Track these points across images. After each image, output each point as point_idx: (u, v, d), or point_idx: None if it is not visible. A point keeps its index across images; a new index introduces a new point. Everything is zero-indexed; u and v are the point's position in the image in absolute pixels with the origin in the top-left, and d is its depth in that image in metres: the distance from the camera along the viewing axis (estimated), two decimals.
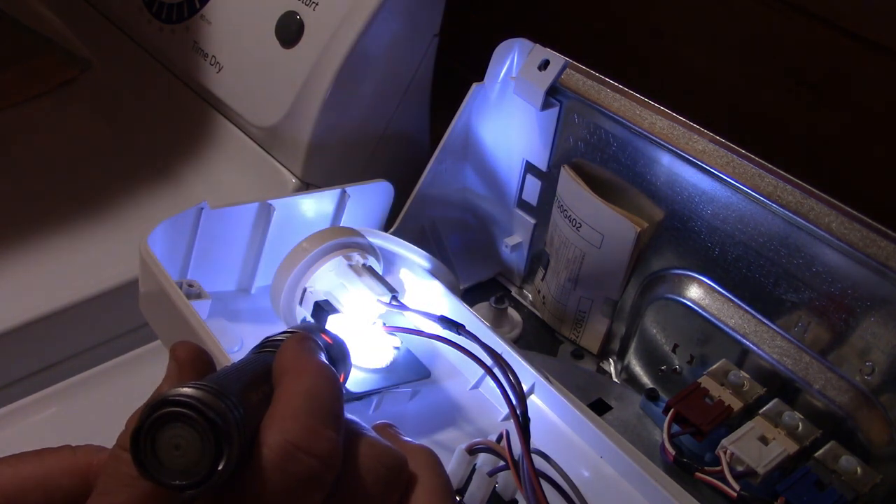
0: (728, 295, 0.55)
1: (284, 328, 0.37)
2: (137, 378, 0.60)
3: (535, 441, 0.44)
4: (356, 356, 0.50)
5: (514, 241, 0.70)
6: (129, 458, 0.26)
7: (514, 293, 0.72)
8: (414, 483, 0.32)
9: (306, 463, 0.27)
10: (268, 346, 0.34)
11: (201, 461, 0.25)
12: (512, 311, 0.68)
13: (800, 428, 0.51)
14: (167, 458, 0.25)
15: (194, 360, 0.31)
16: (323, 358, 0.32)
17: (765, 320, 0.54)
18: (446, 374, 0.55)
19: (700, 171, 0.54)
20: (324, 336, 0.38)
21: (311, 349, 0.32)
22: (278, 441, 0.27)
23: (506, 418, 0.52)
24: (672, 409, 0.53)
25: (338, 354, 0.38)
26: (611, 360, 0.66)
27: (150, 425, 0.25)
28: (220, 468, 0.25)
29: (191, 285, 0.54)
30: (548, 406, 0.51)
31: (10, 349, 0.62)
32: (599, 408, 0.59)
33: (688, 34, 0.72)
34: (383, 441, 0.32)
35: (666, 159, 0.56)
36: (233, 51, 0.76)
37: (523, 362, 0.52)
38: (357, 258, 0.53)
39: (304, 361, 0.31)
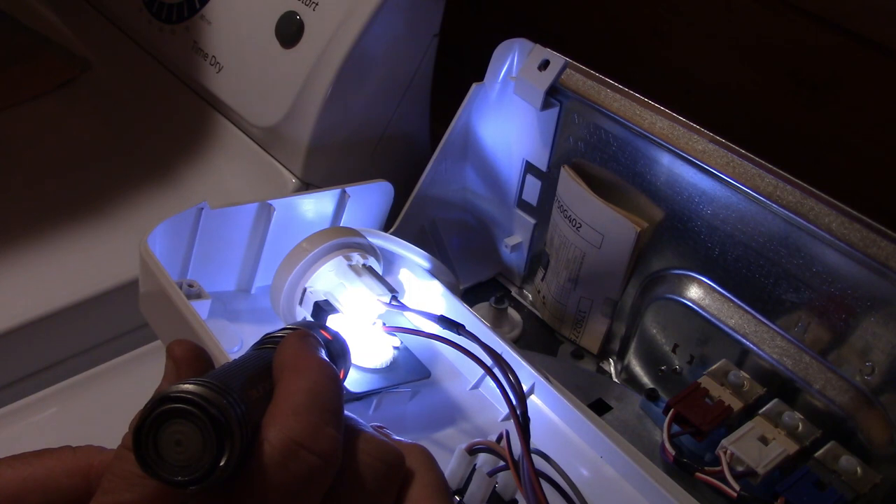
0: (728, 295, 0.55)
1: (283, 327, 0.37)
2: (137, 378, 0.60)
3: (535, 441, 0.44)
4: (356, 356, 0.50)
5: (514, 241, 0.70)
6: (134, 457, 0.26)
7: (514, 293, 0.72)
8: (411, 479, 0.32)
9: (308, 460, 0.27)
10: (268, 343, 0.34)
11: (203, 457, 0.26)
12: (512, 311, 0.68)
13: (800, 428, 0.51)
14: (169, 454, 0.26)
15: (191, 358, 0.31)
16: (323, 355, 0.32)
17: (765, 320, 0.54)
18: (446, 374, 0.55)
19: (700, 171, 0.54)
20: (323, 332, 0.38)
21: (312, 346, 0.32)
22: (280, 438, 0.27)
23: (506, 418, 0.52)
24: (672, 409, 0.53)
25: (338, 350, 0.38)
26: (611, 360, 0.66)
27: (152, 422, 0.26)
28: (221, 464, 0.26)
29: (191, 285, 0.54)
30: (548, 406, 0.51)
31: (10, 349, 0.62)
32: (599, 408, 0.59)
33: (688, 34, 0.72)
34: (381, 437, 0.32)
35: (666, 159, 0.56)
36: (233, 51, 0.76)
37: (523, 362, 0.52)
38: (357, 258, 0.53)
39: (304, 358, 0.31)
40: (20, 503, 0.30)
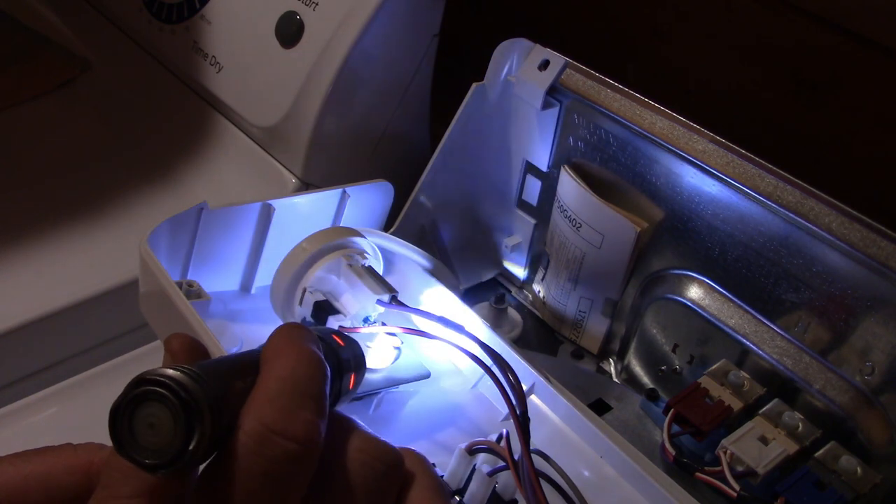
0: (728, 295, 0.55)
1: None
2: None
3: (535, 441, 0.44)
4: None
5: (514, 241, 0.70)
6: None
7: (514, 293, 0.72)
8: (411, 481, 0.32)
9: (282, 446, 0.27)
10: None
11: (174, 441, 0.26)
12: (512, 311, 0.68)
13: (800, 428, 0.51)
14: (143, 437, 0.26)
15: (187, 350, 0.31)
16: (311, 345, 0.32)
17: (765, 320, 0.54)
18: (446, 374, 0.55)
19: (700, 171, 0.54)
20: (335, 337, 0.38)
21: (298, 336, 0.32)
22: (254, 425, 0.27)
23: (506, 418, 0.52)
24: (672, 409, 0.53)
25: (350, 356, 0.38)
26: (611, 360, 0.66)
27: (127, 404, 0.26)
28: (190, 448, 0.26)
29: (191, 285, 0.54)
30: (548, 406, 0.51)
31: (10, 349, 0.62)
32: (599, 408, 0.59)
33: (688, 34, 0.72)
34: (380, 438, 0.32)
35: (666, 159, 0.56)
36: (233, 51, 0.76)
37: (523, 362, 0.52)
38: (357, 258, 0.53)
39: (285, 347, 0.31)
40: (22, 500, 0.30)
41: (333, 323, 0.50)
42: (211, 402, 0.26)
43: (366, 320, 0.51)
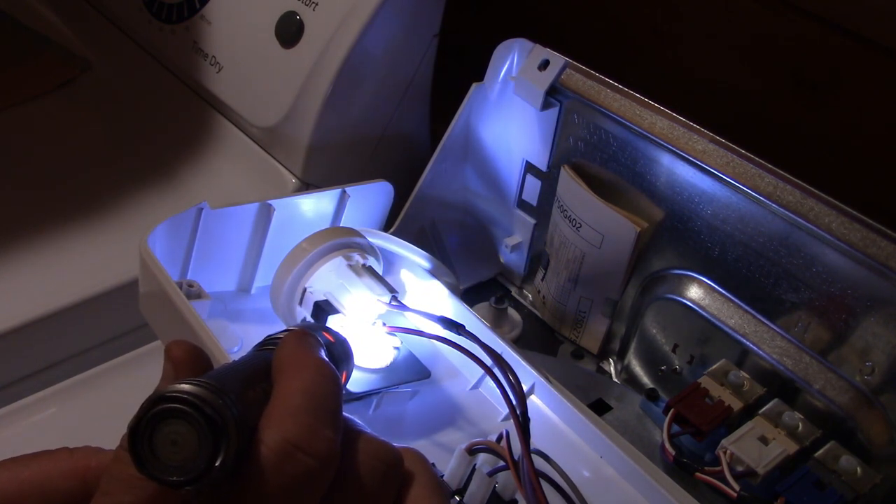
0: (728, 295, 0.55)
1: (284, 329, 0.37)
2: (137, 378, 0.60)
3: (535, 441, 0.44)
4: (356, 356, 0.50)
5: (514, 241, 0.70)
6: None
7: (514, 293, 0.72)
8: (410, 480, 0.32)
9: (305, 462, 0.27)
10: (268, 344, 0.34)
11: (198, 457, 0.25)
12: (512, 311, 0.68)
13: (800, 428, 0.51)
14: (165, 454, 0.25)
15: (189, 358, 0.31)
16: (323, 355, 0.32)
17: (765, 320, 0.54)
18: (446, 374, 0.55)
19: (700, 171, 0.54)
20: (326, 334, 0.38)
21: (311, 345, 0.32)
22: (277, 440, 0.27)
23: (506, 418, 0.52)
24: (672, 409, 0.53)
25: (340, 353, 0.38)
26: (611, 360, 0.66)
27: (147, 421, 0.26)
28: (217, 465, 0.25)
29: (191, 285, 0.54)
30: (548, 406, 0.51)
31: (10, 349, 0.62)
32: (599, 408, 0.59)
33: (688, 34, 0.72)
34: (379, 438, 0.32)
35: (666, 159, 0.56)
36: (233, 51, 0.76)
37: (523, 362, 0.52)
38: (357, 258, 0.53)
39: (302, 358, 0.31)
40: None
41: (333, 323, 0.50)
42: (235, 418, 0.26)
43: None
